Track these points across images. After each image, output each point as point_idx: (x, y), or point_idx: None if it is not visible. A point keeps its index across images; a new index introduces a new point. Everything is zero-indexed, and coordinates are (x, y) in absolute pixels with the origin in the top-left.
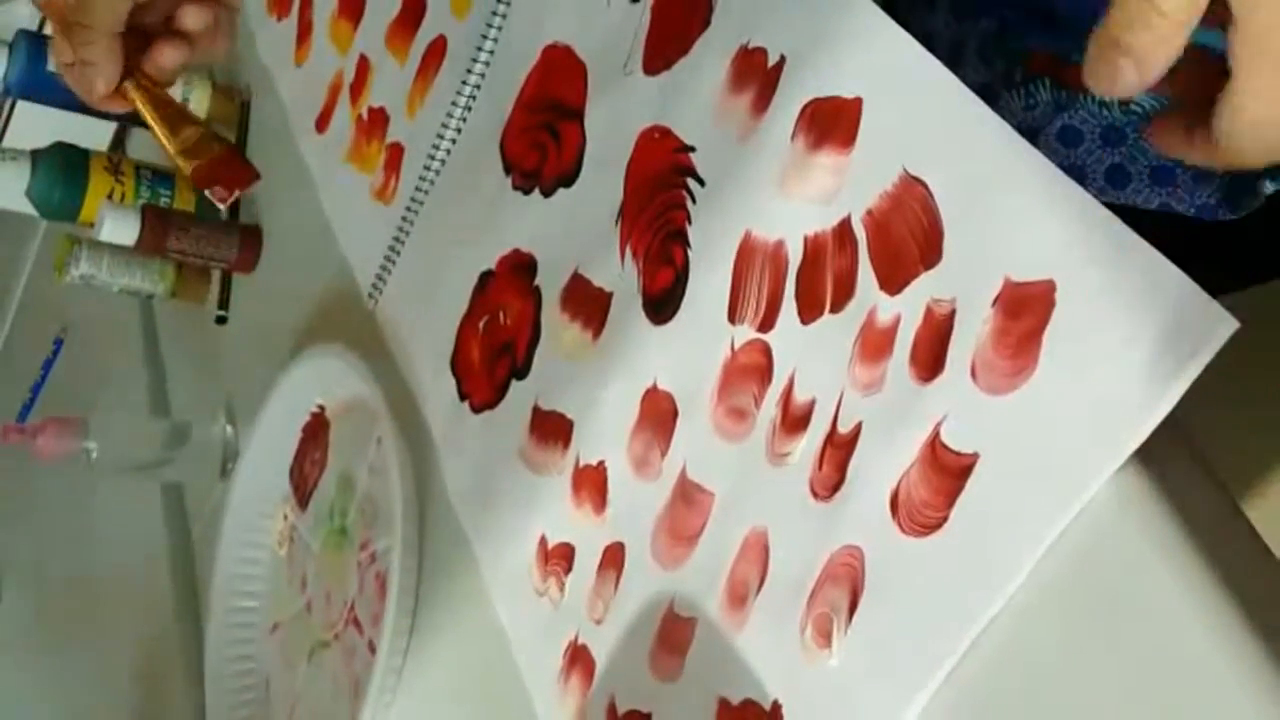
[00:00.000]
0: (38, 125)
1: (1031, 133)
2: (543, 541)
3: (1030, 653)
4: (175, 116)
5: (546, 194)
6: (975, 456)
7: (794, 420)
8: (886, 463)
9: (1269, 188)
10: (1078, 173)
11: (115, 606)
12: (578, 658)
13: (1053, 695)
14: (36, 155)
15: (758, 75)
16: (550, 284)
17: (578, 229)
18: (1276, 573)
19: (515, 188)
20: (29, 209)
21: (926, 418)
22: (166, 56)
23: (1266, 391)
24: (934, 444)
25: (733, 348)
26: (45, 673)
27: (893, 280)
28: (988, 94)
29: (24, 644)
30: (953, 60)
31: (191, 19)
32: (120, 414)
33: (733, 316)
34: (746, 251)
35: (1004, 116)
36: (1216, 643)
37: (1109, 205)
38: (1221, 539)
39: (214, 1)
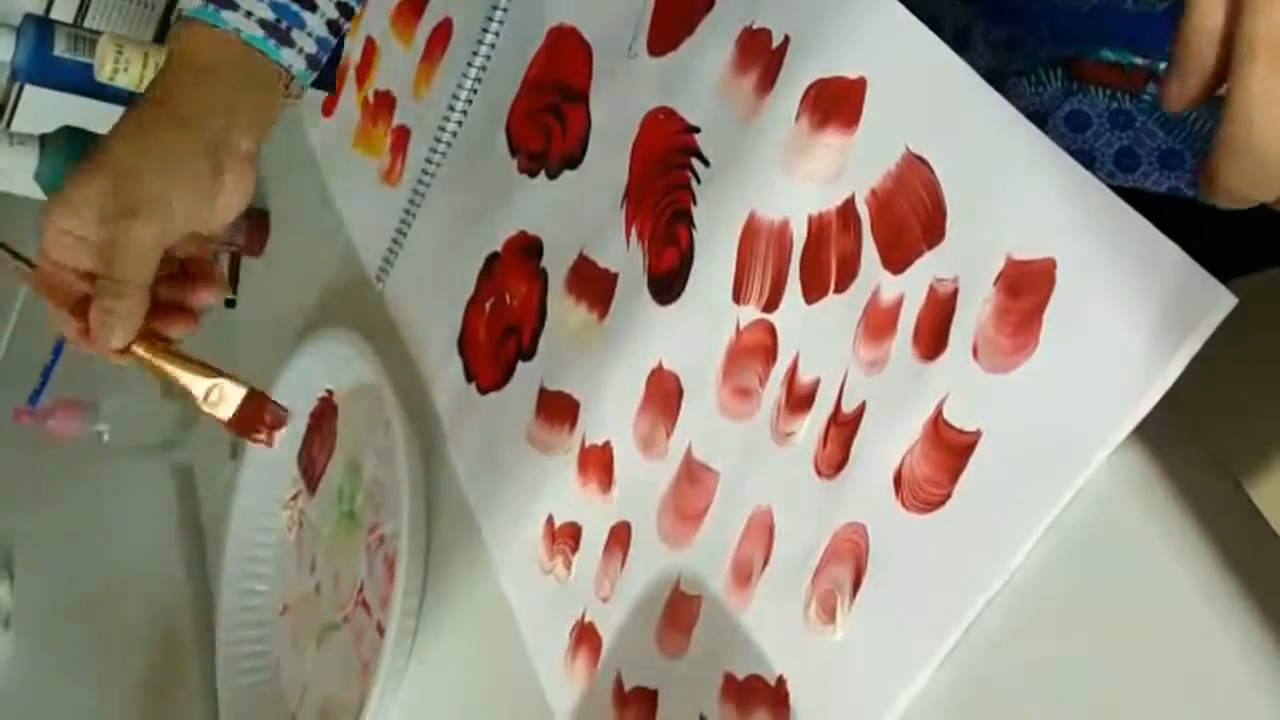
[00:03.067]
0: (45, 109)
1: (1039, 117)
2: (550, 521)
3: (1031, 628)
4: (193, 370)
5: (552, 176)
6: (977, 434)
7: (798, 399)
8: (890, 441)
9: None
10: (1086, 157)
11: (126, 587)
12: (585, 636)
13: (1053, 671)
14: (44, 139)
15: (762, 56)
16: (556, 266)
17: (583, 211)
18: (1277, 550)
19: (521, 170)
20: (38, 193)
21: (929, 396)
22: (178, 328)
23: (1270, 375)
24: (937, 422)
25: (737, 328)
26: (57, 653)
27: (896, 259)
28: (996, 79)
29: (35, 624)
30: (959, 43)
31: (202, 299)
32: (130, 396)
33: (737, 297)
34: (751, 232)
35: (1012, 101)
36: (1216, 619)
37: (1118, 189)
38: (1221, 516)
39: (212, 281)
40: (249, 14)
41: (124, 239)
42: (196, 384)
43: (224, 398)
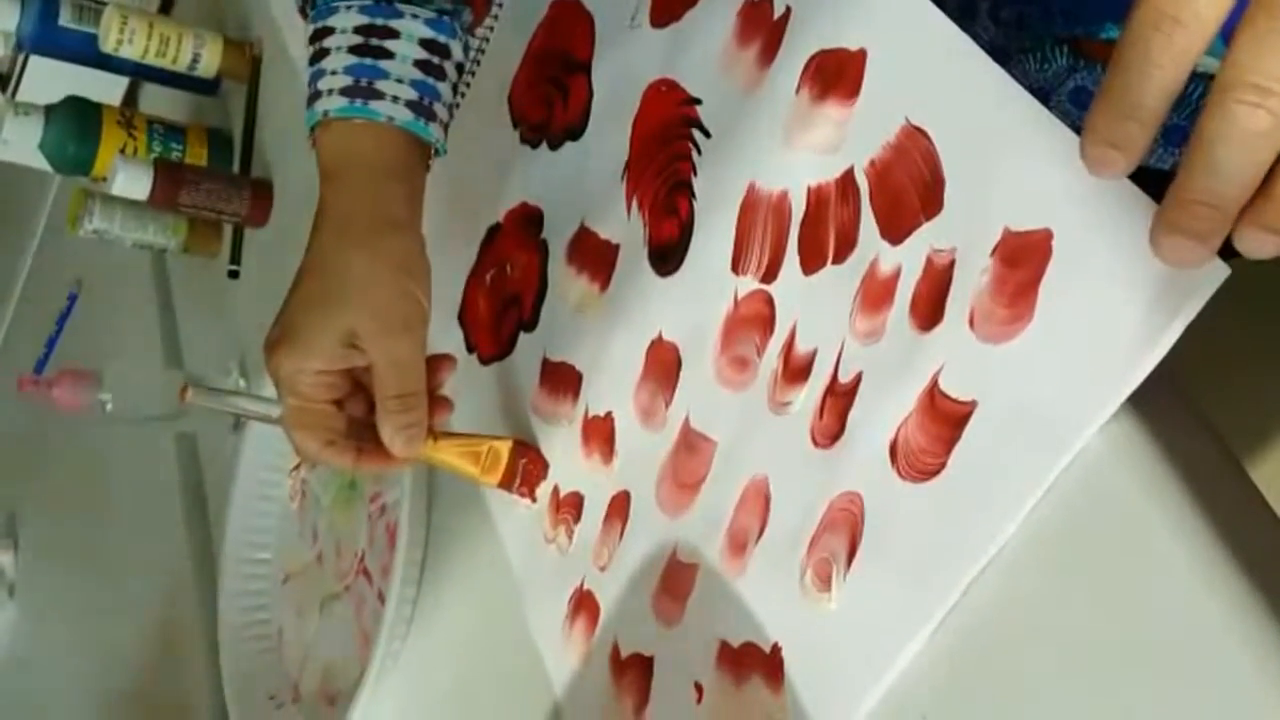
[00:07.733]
0: (50, 79)
1: (1043, 94)
2: (555, 491)
3: (1024, 598)
4: (465, 444)
5: (554, 147)
6: (973, 404)
7: (795, 370)
8: (886, 411)
9: None
10: None
11: (130, 556)
12: (583, 604)
13: (1045, 641)
14: (50, 110)
15: (764, 27)
16: (557, 237)
17: (584, 182)
18: (1270, 520)
19: (523, 141)
20: (43, 163)
21: (925, 366)
22: (444, 413)
23: (1264, 345)
24: (933, 392)
25: (735, 298)
26: (61, 622)
27: (894, 230)
28: (1000, 55)
29: (39, 593)
30: (962, 18)
31: (443, 379)
32: (134, 366)
33: (736, 267)
34: (750, 203)
35: (1016, 77)
36: (1208, 589)
37: None
38: (1213, 484)
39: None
40: (395, 99)
41: (404, 355)
42: (472, 459)
43: (495, 459)
